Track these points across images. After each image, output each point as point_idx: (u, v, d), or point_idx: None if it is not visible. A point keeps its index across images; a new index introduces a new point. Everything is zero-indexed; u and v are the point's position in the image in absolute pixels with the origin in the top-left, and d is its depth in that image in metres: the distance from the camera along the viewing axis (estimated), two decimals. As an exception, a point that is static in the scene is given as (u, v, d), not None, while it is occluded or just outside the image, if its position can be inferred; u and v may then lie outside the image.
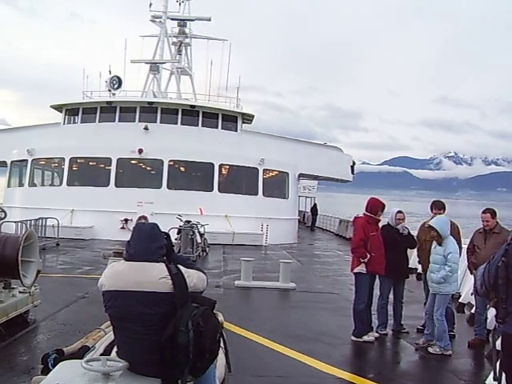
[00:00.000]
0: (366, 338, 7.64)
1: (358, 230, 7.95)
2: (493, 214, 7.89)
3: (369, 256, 7.64)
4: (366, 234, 7.74)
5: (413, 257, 9.65)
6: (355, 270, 7.81)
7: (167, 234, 3.93)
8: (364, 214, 7.94)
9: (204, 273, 3.89)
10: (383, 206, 7.96)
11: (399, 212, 8.40)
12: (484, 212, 7.95)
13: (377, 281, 8.17)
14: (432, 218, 8.33)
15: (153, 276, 3.51)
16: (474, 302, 8.65)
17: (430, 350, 7.25)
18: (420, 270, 9.33)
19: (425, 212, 8.52)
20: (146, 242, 3.66)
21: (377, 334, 7.88)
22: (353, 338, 7.69)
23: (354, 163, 33.25)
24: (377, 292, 8.24)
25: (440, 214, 8.26)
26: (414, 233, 8.77)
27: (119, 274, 3.60)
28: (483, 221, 7.90)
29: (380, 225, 8.22)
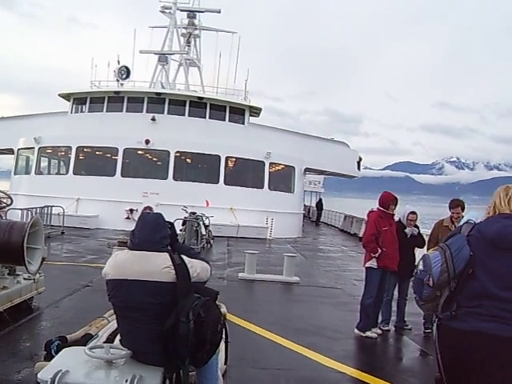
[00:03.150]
0: (368, 333, 7.61)
1: (370, 224, 7.90)
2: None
3: (380, 251, 7.61)
4: (378, 228, 7.67)
5: (417, 253, 9.60)
6: (366, 265, 7.77)
7: (171, 224, 3.94)
8: (377, 208, 7.90)
9: (207, 262, 3.89)
10: (395, 199, 7.83)
11: (412, 213, 8.21)
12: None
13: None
14: (451, 216, 8.08)
15: (156, 266, 3.52)
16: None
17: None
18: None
19: (426, 215, 8.30)
20: (150, 231, 3.67)
21: (380, 331, 7.84)
22: (356, 330, 7.65)
23: (360, 159, 33.16)
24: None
25: (457, 212, 7.78)
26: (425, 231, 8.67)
27: (123, 264, 3.61)
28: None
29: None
